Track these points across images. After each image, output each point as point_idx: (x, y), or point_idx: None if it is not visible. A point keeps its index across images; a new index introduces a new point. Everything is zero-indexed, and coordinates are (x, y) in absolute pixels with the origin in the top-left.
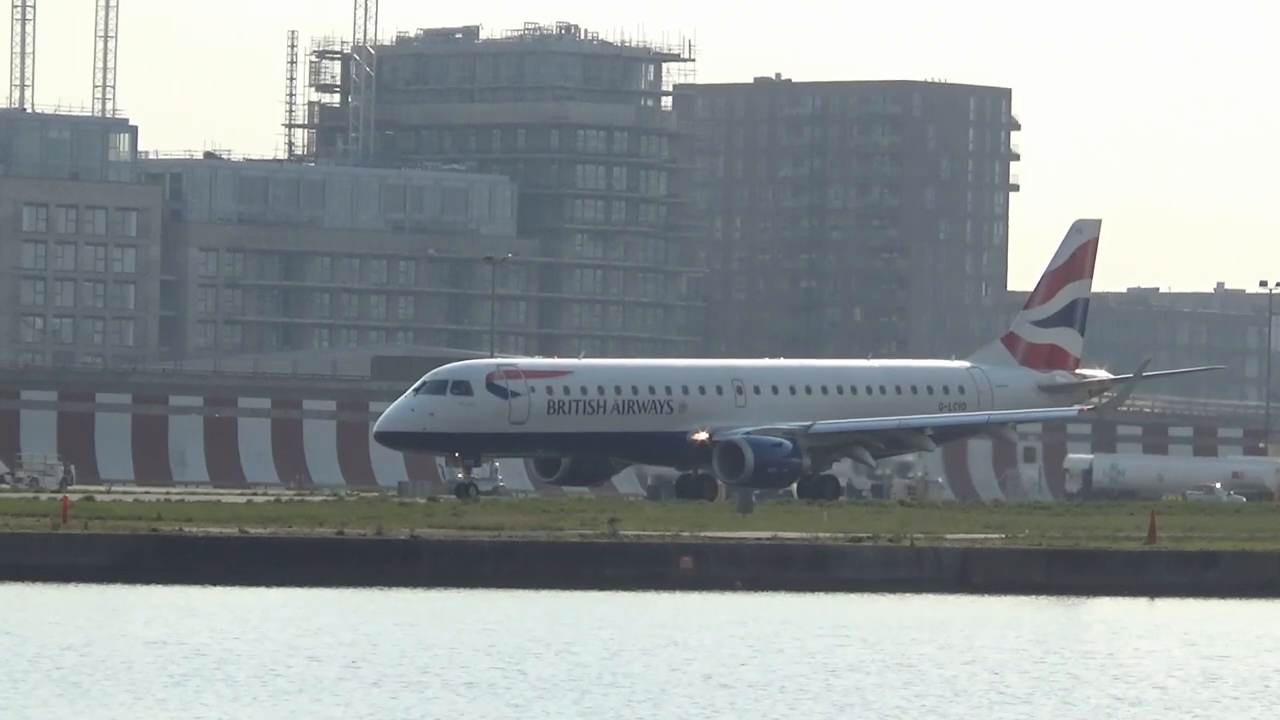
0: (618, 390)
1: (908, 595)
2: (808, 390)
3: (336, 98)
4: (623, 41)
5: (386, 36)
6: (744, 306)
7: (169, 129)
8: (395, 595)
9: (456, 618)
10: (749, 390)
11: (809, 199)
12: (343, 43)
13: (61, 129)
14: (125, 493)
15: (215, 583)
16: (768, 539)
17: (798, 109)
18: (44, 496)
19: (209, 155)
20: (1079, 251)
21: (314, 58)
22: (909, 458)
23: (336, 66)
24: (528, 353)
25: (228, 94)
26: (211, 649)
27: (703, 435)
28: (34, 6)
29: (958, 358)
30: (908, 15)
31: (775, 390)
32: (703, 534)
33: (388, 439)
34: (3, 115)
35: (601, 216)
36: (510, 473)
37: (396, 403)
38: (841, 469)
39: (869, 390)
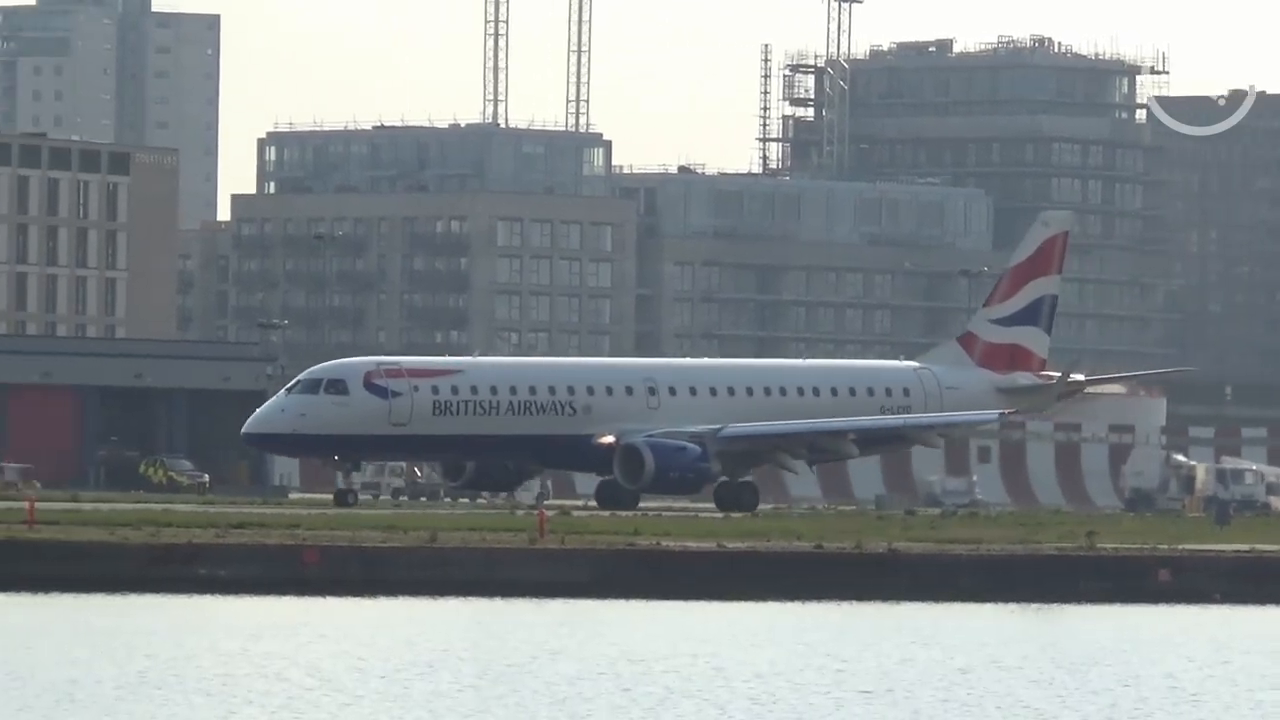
0: (513, 390)
1: None
2: (730, 391)
3: (810, 111)
4: (1096, 54)
5: (860, 50)
6: (1220, 319)
7: (643, 143)
8: (869, 608)
9: (921, 631)
10: (663, 391)
11: None
12: (816, 57)
13: (535, 144)
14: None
15: (690, 598)
16: (1245, 551)
17: (1275, 120)
18: (520, 512)
19: (683, 170)
20: (1045, 245)
21: (788, 72)
22: None
23: (810, 80)
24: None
25: (701, 108)
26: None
27: (609, 439)
28: (506, 22)
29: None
30: None
31: (693, 391)
32: (1180, 547)
33: (255, 440)
34: (476, 130)
35: (1077, 230)
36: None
37: (268, 402)
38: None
39: (800, 392)
